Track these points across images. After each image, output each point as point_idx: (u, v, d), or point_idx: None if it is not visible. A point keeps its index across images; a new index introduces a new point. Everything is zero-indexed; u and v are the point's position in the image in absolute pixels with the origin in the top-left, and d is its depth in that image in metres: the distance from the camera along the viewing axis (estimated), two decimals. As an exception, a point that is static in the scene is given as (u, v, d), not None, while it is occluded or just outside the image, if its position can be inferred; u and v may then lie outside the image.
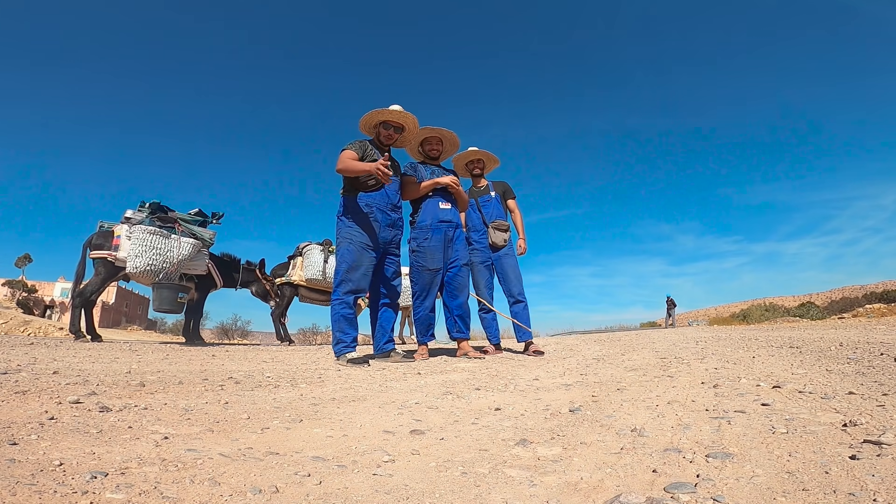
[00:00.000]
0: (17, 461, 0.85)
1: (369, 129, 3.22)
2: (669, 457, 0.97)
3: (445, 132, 3.44)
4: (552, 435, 1.19)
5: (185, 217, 4.56)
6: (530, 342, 3.59)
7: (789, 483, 0.80)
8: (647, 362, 2.67)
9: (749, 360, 2.50)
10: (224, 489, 0.81)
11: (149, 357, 2.97)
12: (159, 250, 4.16)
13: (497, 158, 3.86)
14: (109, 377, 1.93)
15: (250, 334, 16.30)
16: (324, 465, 0.97)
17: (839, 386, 1.59)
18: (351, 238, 2.97)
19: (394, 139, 3.18)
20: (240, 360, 3.10)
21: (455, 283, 3.32)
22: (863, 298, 23.53)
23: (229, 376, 2.18)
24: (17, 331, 13.83)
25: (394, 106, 3.12)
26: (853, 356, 2.37)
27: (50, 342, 3.95)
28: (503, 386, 2.00)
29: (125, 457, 0.93)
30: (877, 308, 12.75)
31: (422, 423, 1.34)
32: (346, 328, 2.93)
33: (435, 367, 2.68)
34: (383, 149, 3.17)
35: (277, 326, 5.97)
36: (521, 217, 3.92)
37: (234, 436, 1.16)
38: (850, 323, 8.44)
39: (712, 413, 1.31)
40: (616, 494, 0.80)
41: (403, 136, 3.26)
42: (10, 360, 2.32)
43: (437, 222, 3.29)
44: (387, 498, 0.81)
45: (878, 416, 1.15)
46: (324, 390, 1.89)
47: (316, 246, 5.76)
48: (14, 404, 1.30)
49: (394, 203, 3.11)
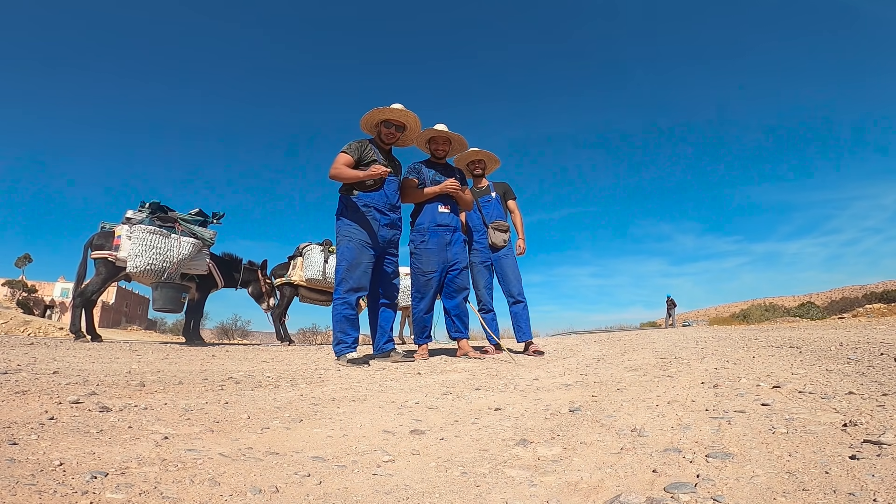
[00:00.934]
0: (17, 461, 0.85)
1: (370, 127, 3.21)
2: (669, 457, 0.97)
3: (455, 135, 3.45)
4: (552, 435, 1.19)
5: (186, 217, 4.56)
6: (530, 342, 3.60)
7: (789, 483, 0.80)
8: (647, 362, 2.67)
9: (749, 360, 2.49)
10: (224, 489, 0.81)
11: (149, 357, 2.96)
12: (159, 250, 4.17)
13: (498, 159, 3.87)
14: (109, 377, 1.93)
15: (250, 334, 16.29)
16: (324, 465, 0.97)
17: (839, 386, 1.59)
18: (350, 236, 2.98)
19: (395, 138, 3.17)
20: (240, 360, 3.10)
21: (454, 284, 3.35)
22: (863, 298, 23.53)
23: (229, 376, 2.18)
24: (17, 331, 13.83)
25: (395, 105, 3.12)
26: (853, 356, 2.37)
27: (50, 342, 3.95)
28: (503, 386, 2.00)
29: (125, 457, 0.93)
30: (877, 308, 12.75)
31: (422, 423, 1.34)
32: (347, 329, 2.93)
33: (435, 367, 2.68)
34: (384, 148, 3.17)
35: (277, 326, 5.97)
36: (521, 218, 3.92)
37: (234, 436, 1.16)
38: (850, 323, 8.44)
39: (712, 413, 1.31)
40: (616, 494, 0.80)
41: (405, 135, 3.26)
42: (10, 360, 2.31)
43: (434, 226, 3.31)
44: (387, 498, 0.81)
45: (878, 416, 1.15)
46: (324, 390, 1.89)
47: (316, 246, 5.77)
48: (14, 404, 1.30)
49: (392, 203, 3.10)
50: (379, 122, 3.15)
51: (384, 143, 3.17)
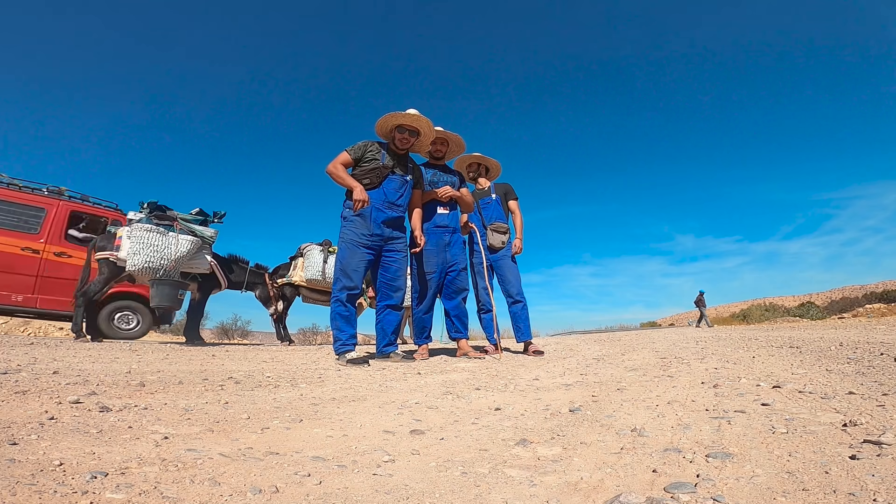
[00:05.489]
0: (17, 461, 0.85)
1: (385, 132, 3.21)
2: (669, 457, 0.97)
3: (452, 135, 3.47)
4: (552, 435, 1.19)
5: (186, 216, 4.58)
6: (529, 342, 3.61)
7: (789, 483, 0.80)
8: (647, 362, 2.67)
9: (749, 360, 2.49)
10: (224, 489, 0.81)
11: (149, 357, 2.96)
12: (157, 247, 4.18)
13: (500, 167, 3.92)
14: (109, 377, 1.93)
15: (250, 334, 16.29)
16: (324, 464, 0.97)
17: (839, 386, 1.59)
18: (344, 237, 3.01)
19: (409, 143, 3.16)
20: (240, 360, 3.10)
21: (453, 285, 3.37)
22: (863, 298, 23.54)
23: (229, 376, 2.18)
24: (17, 331, 13.82)
25: (410, 110, 3.10)
26: (853, 356, 2.37)
27: (50, 342, 3.95)
28: (503, 386, 2.00)
29: (125, 457, 0.93)
30: (877, 308, 12.76)
31: (422, 423, 1.34)
32: (342, 326, 2.94)
33: (435, 367, 2.68)
34: (399, 153, 3.16)
35: (277, 326, 5.98)
36: (522, 219, 3.93)
37: (234, 436, 1.16)
38: (850, 323, 8.43)
39: (712, 413, 1.31)
40: (616, 494, 0.80)
41: (420, 140, 3.24)
42: (10, 360, 2.31)
43: (432, 227, 3.33)
44: (387, 498, 0.81)
45: (878, 416, 1.15)
46: (324, 390, 1.89)
47: (316, 246, 5.79)
48: (14, 404, 1.30)
49: (391, 201, 3.07)
50: (393, 127, 3.14)
51: (399, 149, 3.15)
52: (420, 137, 3.22)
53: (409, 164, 3.23)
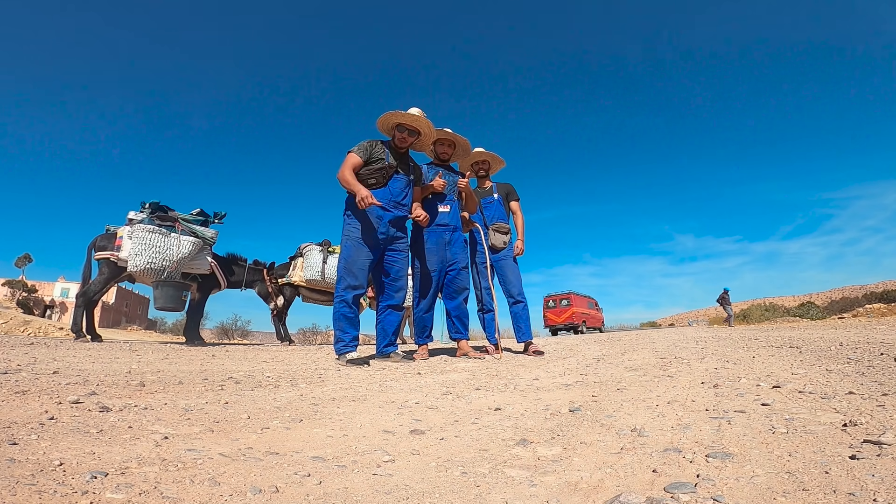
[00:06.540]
0: (17, 461, 0.85)
1: (386, 130, 3.19)
2: (669, 457, 0.97)
3: (460, 139, 3.46)
4: (552, 435, 1.19)
5: (187, 217, 4.58)
6: (530, 342, 3.60)
7: (789, 483, 0.80)
8: (647, 362, 2.67)
9: (749, 360, 2.49)
10: (224, 489, 0.81)
11: (149, 357, 2.96)
12: (159, 248, 4.18)
13: (502, 160, 3.90)
14: (109, 377, 1.93)
15: (250, 334, 16.30)
16: (324, 464, 0.97)
17: (839, 386, 1.59)
18: (349, 234, 2.97)
19: (408, 143, 3.15)
20: (240, 360, 3.10)
21: (454, 285, 3.36)
22: (863, 298, 23.55)
23: (229, 376, 2.18)
24: (17, 331, 13.84)
25: (413, 109, 3.08)
26: (853, 356, 2.37)
27: (50, 342, 3.95)
28: (503, 386, 2.00)
29: (125, 457, 0.93)
30: (877, 308, 12.76)
31: (422, 423, 1.34)
32: (345, 327, 2.93)
33: (435, 367, 2.68)
34: (399, 152, 3.14)
35: (277, 326, 5.98)
36: (523, 219, 3.92)
37: (234, 436, 1.16)
38: (850, 323, 8.44)
39: (712, 413, 1.31)
40: (616, 494, 0.80)
41: (420, 140, 3.23)
42: (10, 360, 2.31)
43: (433, 225, 3.32)
44: (387, 498, 0.81)
45: (878, 416, 1.15)
46: (324, 390, 1.89)
47: (315, 247, 5.79)
48: (14, 404, 1.30)
49: (397, 200, 3.06)
50: (393, 125, 3.13)
51: (398, 148, 3.14)
52: (420, 137, 3.21)
53: (410, 164, 3.23)
